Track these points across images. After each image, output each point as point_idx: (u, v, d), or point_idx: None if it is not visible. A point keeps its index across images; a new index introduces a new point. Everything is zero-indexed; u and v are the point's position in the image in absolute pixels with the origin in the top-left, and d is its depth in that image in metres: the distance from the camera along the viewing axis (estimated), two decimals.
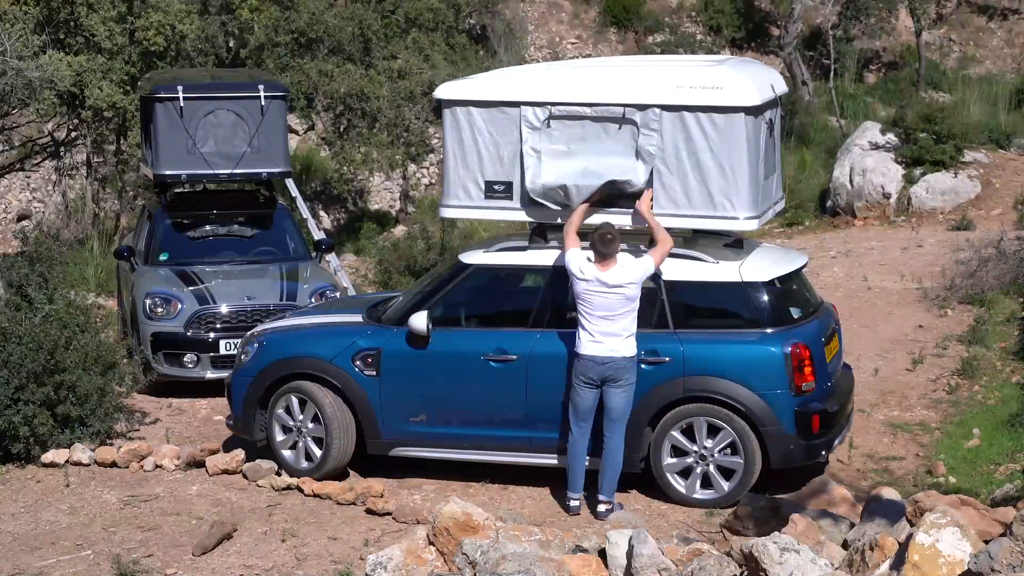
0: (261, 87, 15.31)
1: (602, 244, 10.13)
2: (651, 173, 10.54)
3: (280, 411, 11.26)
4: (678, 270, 10.60)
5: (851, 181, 22.72)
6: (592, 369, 10.14)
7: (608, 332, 10.11)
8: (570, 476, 10.43)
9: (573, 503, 10.42)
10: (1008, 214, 21.30)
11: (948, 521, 6.93)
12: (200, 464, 11.51)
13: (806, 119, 26.11)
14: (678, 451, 10.59)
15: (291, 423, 11.24)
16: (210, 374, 13.87)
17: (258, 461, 11.27)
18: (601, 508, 10.28)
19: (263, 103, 15.16)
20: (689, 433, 10.53)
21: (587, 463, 10.41)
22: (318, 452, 11.14)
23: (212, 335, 13.95)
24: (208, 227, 15.34)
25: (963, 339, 14.96)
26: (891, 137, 22.83)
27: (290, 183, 16.50)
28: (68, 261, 15.43)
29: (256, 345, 11.53)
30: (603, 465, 10.32)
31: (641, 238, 10.66)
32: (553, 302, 10.72)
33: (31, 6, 20.68)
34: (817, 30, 30.41)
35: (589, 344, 10.14)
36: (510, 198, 10.90)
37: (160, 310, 14.02)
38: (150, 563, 9.46)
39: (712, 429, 10.48)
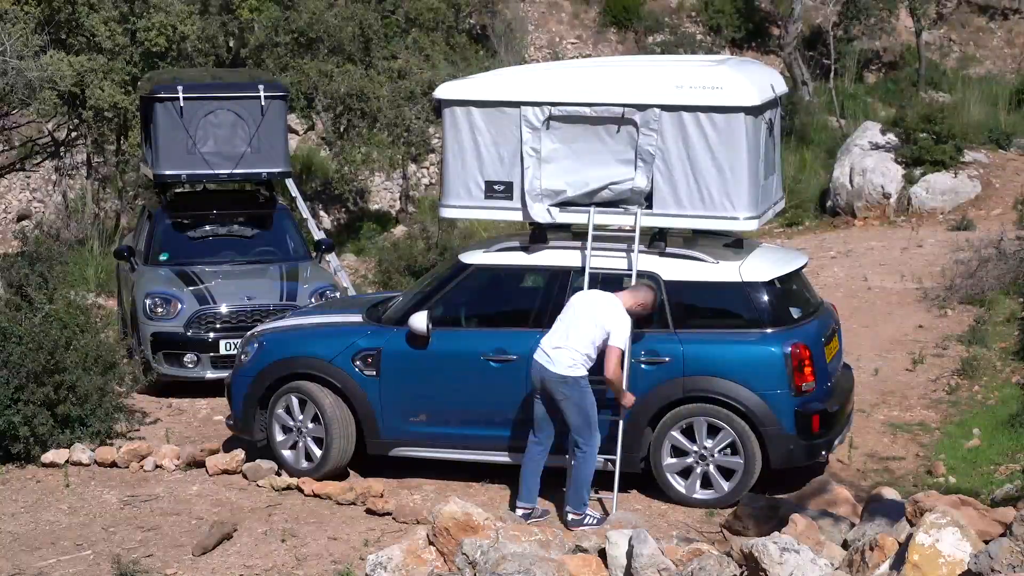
0: (261, 87, 15.31)
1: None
2: (652, 177, 10.57)
3: (280, 411, 11.26)
4: (678, 270, 10.61)
5: (851, 181, 22.72)
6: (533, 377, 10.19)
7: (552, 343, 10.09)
8: (520, 485, 10.32)
9: (520, 511, 10.22)
10: (1008, 214, 21.29)
11: (948, 521, 6.93)
12: (200, 464, 11.51)
13: (806, 119, 26.10)
14: (678, 451, 10.59)
15: (291, 423, 11.24)
16: (210, 374, 13.87)
17: (258, 461, 11.27)
18: (569, 518, 10.15)
19: (263, 103, 15.16)
20: (689, 433, 10.53)
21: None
22: (318, 452, 11.13)
23: (212, 335, 13.95)
24: (208, 227, 15.33)
25: (963, 339, 14.96)
26: (891, 137, 22.83)
27: (290, 183, 16.50)
28: (68, 261, 15.43)
29: (256, 345, 11.53)
30: (568, 477, 10.22)
31: (642, 239, 10.66)
32: (553, 302, 10.70)
33: (32, 6, 20.68)
34: (817, 30, 30.41)
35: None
36: (510, 198, 10.90)
37: (160, 310, 14.02)
38: (150, 563, 9.46)
39: (712, 429, 10.48)
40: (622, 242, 10.82)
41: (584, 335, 9.95)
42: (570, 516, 10.08)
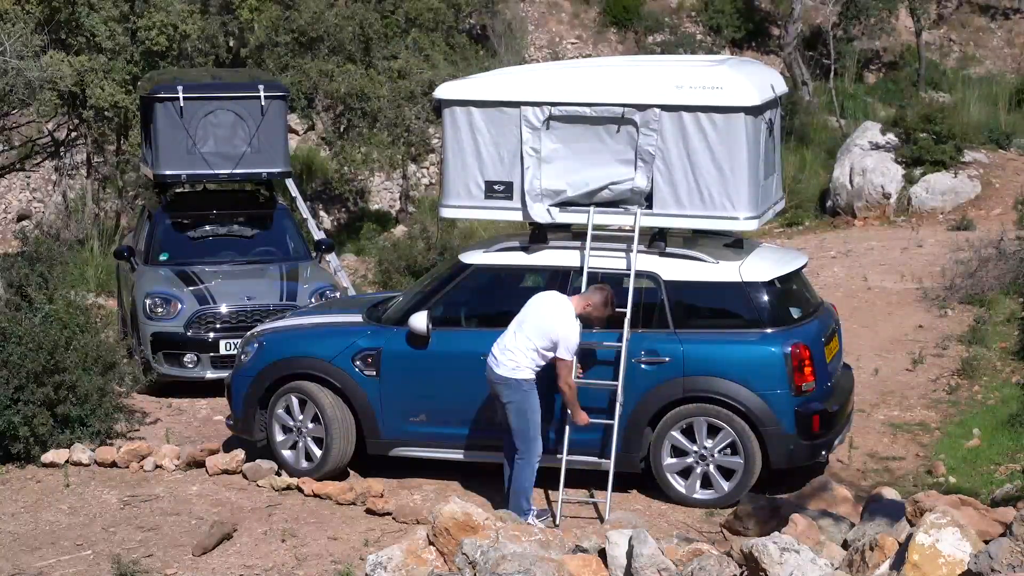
0: (261, 87, 15.31)
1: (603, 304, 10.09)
2: (652, 177, 10.58)
3: (280, 411, 11.26)
4: (678, 270, 10.61)
5: (851, 181, 22.72)
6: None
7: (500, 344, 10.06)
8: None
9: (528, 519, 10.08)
10: (1008, 214, 21.29)
11: (948, 521, 6.93)
12: (200, 464, 11.51)
13: (806, 119, 26.10)
14: (678, 451, 10.59)
15: (291, 423, 11.24)
16: (210, 374, 13.87)
17: (258, 461, 11.27)
18: None
19: (263, 103, 15.16)
20: (689, 433, 10.53)
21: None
22: (318, 452, 11.14)
23: (212, 335, 13.95)
24: (208, 227, 15.34)
25: (963, 339, 14.97)
26: (891, 137, 22.83)
27: (290, 183, 16.50)
28: (68, 261, 15.43)
29: (256, 345, 11.53)
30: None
31: (642, 239, 10.67)
32: None
33: (32, 6, 20.67)
34: (817, 30, 30.41)
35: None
36: (510, 198, 10.90)
37: (160, 310, 14.02)
38: (150, 563, 9.47)
39: (712, 429, 10.48)
40: (622, 242, 10.82)
41: (528, 338, 9.89)
42: None
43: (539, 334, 9.89)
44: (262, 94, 15.21)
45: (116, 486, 11.22)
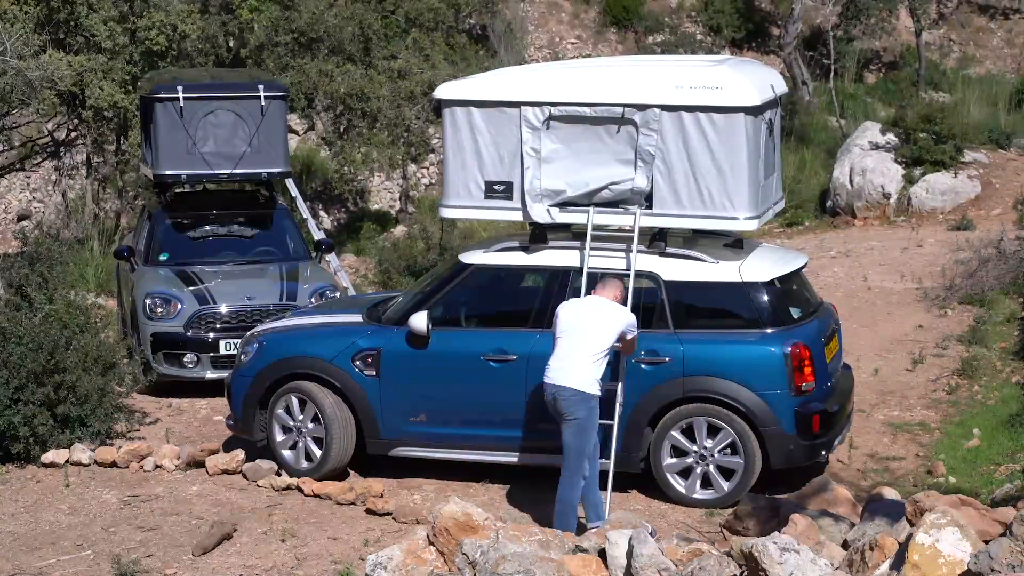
0: (261, 87, 15.32)
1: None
2: (652, 177, 10.57)
3: (280, 411, 11.26)
4: (678, 270, 10.62)
5: (851, 181, 22.72)
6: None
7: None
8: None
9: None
10: (1008, 214, 21.30)
11: (948, 521, 6.93)
12: (200, 464, 11.51)
13: (806, 119, 26.09)
14: (678, 451, 10.59)
15: (291, 423, 11.24)
16: (210, 374, 13.87)
17: (258, 461, 11.27)
18: None
19: (263, 103, 15.17)
20: (689, 433, 10.53)
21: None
22: (318, 452, 11.14)
23: (212, 335, 13.95)
24: (208, 227, 15.34)
25: (963, 339, 14.97)
26: (891, 137, 22.83)
27: (290, 183, 16.50)
28: (68, 261, 15.43)
29: (256, 345, 11.53)
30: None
31: (642, 239, 10.67)
32: (553, 302, 10.69)
33: (31, 5, 20.67)
34: (817, 30, 30.40)
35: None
36: (510, 198, 10.90)
37: (160, 310, 14.02)
38: (150, 563, 9.47)
39: (712, 429, 10.48)
40: (622, 242, 10.83)
41: (601, 346, 9.68)
42: None
43: (608, 337, 9.71)
44: (262, 94, 15.21)
45: (116, 486, 11.22)
